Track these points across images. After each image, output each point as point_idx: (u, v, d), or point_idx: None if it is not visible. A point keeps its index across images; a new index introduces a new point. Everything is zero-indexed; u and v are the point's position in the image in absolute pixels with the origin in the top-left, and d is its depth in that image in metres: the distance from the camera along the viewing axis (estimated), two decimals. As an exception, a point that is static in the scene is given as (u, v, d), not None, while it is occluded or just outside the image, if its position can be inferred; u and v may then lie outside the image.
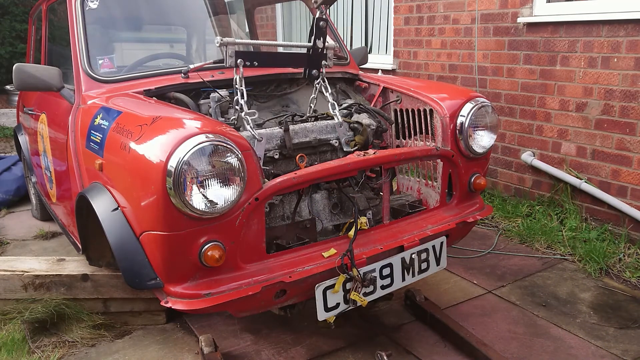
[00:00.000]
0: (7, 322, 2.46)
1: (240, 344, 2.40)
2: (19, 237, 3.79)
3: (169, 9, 3.21)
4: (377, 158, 2.04)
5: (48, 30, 3.32)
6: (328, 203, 2.22)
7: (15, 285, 2.46)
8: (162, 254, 1.74)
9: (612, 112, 3.29)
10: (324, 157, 2.32)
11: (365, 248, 2.03)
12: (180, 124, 1.83)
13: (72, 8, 2.58)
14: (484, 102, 2.34)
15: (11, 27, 7.68)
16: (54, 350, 2.36)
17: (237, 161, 1.70)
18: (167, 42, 3.43)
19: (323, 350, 2.34)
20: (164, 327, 2.56)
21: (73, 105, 2.45)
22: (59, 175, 2.77)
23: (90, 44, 2.52)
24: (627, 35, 3.13)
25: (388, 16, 5.15)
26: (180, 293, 1.76)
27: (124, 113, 2.06)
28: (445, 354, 2.31)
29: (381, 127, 2.43)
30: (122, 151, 1.88)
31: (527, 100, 3.82)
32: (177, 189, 1.63)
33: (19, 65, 2.44)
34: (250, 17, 3.91)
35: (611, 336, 2.43)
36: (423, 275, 2.18)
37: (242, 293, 1.77)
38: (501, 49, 3.95)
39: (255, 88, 2.55)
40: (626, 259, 3.10)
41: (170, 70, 2.54)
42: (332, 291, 1.91)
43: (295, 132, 2.20)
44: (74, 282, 2.47)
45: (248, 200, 1.77)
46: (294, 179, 1.86)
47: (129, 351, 2.37)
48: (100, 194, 1.98)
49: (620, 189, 3.31)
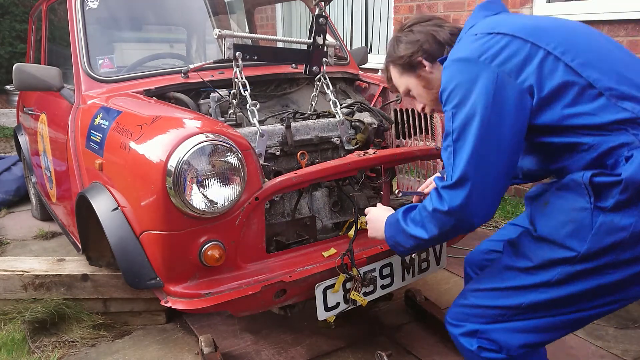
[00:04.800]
0: (7, 322, 2.46)
1: (240, 344, 2.40)
2: (19, 237, 3.79)
3: (169, 9, 3.21)
4: (377, 158, 2.04)
5: (48, 30, 3.32)
6: (328, 201, 2.22)
7: (15, 285, 2.46)
8: (162, 253, 1.74)
9: (612, 112, 3.29)
10: (325, 154, 2.32)
11: (365, 247, 2.03)
12: (180, 123, 1.83)
13: (72, 8, 2.58)
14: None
15: (11, 27, 7.68)
16: (54, 350, 2.36)
17: (237, 161, 1.70)
18: (167, 42, 3.43)
19: (323, 350, 2.34)
20: (164, 327, 2.56)
21: (73, 105, 2.45)
22: (58, 175, 2.77)
23: (90, 44, 2.52)
24: (627, 35, 3.13)
25: (388, 16, 5.15)
26: (180, 293, 1.76)
27: (123, 113, 2.06)
28: (445, 354, 2.30)
29: (382, 126, 2.43)
30: (122, 151, 1.88)
31: (527, 100, 3.81)
32: (177, 189, 1.64)
33: (19, 65, 2.44)
34: (250, 17, 3.91)
35: (611, 336, 2.43)
36: (423, 275, 2.18)
37: (242, 293, 1.77)
38: (501, 49, 3.95)
39: (255, 88, 2.55)
40: (626, 258, 3.10)
41: (170, 70, 2.54)
42: (332, 291, 1.91)
43: (296, 129, 2.20)
44: (74, 282, 2.47)
45: (248, 200, 1.77)
46: (294, 178, 1.86)
47: (129, 351, 2.37)
48: (100, 194, 1.98)
49: (620, 189, 3.31)
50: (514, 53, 1.29)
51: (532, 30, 1.33)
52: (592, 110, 1.26)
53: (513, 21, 1.39)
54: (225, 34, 2.06)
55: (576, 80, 1.27)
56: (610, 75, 1.28)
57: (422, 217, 1.42)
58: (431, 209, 1.37)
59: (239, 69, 2.11)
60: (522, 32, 1.32)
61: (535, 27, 1.35)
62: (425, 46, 1.52)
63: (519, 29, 1.33)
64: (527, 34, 1.32)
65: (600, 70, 1.28)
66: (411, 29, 1.55)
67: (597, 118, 1.26)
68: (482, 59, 1.30)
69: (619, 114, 1.25)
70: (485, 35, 1.35)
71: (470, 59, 1.32)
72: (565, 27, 1.39)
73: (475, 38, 1.36)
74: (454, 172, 1.31)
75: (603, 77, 1.27)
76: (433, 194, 1.38)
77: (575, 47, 1.31)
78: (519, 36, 1.31)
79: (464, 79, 1.31)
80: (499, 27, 1.35)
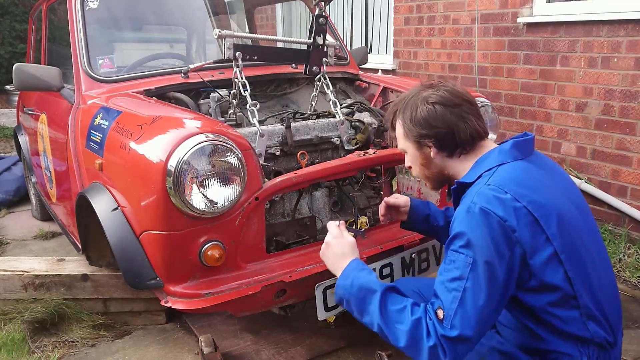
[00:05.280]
0: (7, 322, 2.46)
1: (240, 344, 2.40)
2: (19, 237, 3.79)
3: (169, 9, 3.21)
4: (377, 158, 2.04)
5: (48, 30, 3.32)
6: (328, 201, 2.21)
7: (15, 285, 2.46)
8: (162, 253, 1.74)
9: (612, 112, 3.29)
10: (325, 154, 2.32)
11: (366, 247, 2.03)
12: (180, 123, 1.83)
13: (72, 8, 2.58)
14: (484, 102, 2.34)
15: (11, 27, 7.68)
16: (54, 350, 2.36)
17: (237, 161, 1.70)
18: (167, 42, 3.43)
19: (323, 350, 2.33)
20: (164, 327, 2.56)
21: (73, 105, 2.45)
22: (59, 175, 2.77)
23: (90, 44, 2.52)
24: (627, 35, 3.13)
25: (388, 16, 5.15)
26: (180, 293, 1.76)
27: (123, 113, 2.06)
28: (445, 353, 2.30)
29: (382, 126, 2.43)
30: (122, 151, 1.88)
31: (527, 100, 3.81)
32: (177, 189, 1.63)
33: (19, 65, 2.44)
34: (250, 17, 3.91)
35: (611, 336, 2.43)
36: (423, 274, 2.18)
37: (242, 293, 1.77)
38: (501, 49, 3.95)
39: (255, 88, 2.55)
40: (626, 259, 3.10)
41: (170, 70, 2.54)
42: (332, 291, 1.91)
43: (296, 130, 2.20)
44: (74, 282, 2.46)
45: (248, 200, 1.77)
46: (294, 178, 1.86)
47: (129, 351, 2.37)
48: (100, 194, 1.98)
49: (620, 189, 3.31)
50: (530, 236, 1.30)
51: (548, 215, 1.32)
52: (565, 317, 1.34)
53: (539, 191, 1.36)
54: (225, 34, 2.06)
55: (566, 290, 1.32)
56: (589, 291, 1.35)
57: (408, 327, 1.30)
58: (431, 344, 1.26)
59: (239, 69, 2.11)
60: (539, 212, 1.31)
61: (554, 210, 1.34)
62: (440, 137, 1.45)
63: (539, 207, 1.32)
64: (544, 219, 1.31)
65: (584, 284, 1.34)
66: (435, 107, 1.44)
67: (565, 326, 1.34)
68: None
69: (582, 331, 1.34)
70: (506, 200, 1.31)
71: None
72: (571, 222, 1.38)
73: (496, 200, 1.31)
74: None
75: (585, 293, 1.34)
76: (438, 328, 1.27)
77: (575, 253, 1.34)
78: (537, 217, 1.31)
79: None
80: (522, 196, 1.31)
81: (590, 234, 1.43)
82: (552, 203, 1.35)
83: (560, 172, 1.51)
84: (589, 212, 1.49)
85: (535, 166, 1.43)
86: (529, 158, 1.44)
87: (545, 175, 1.43)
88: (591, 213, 1.52)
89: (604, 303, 1.38)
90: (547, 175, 1.44)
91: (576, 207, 1.43)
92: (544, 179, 1.41)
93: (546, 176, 1.43)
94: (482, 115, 1.49)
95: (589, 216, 1.48)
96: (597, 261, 1.41)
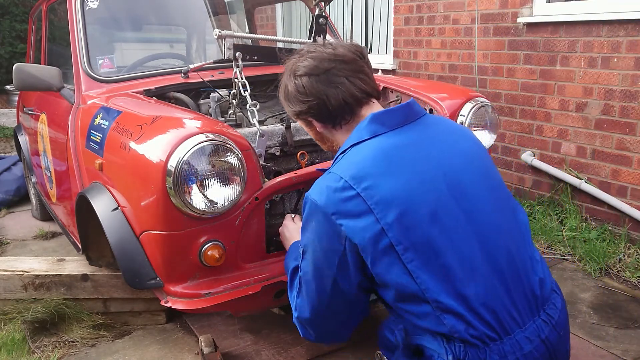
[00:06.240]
0: (7, 322, 2.46)
1: (240, 344, 2.40)
2: (19, 237, 3.79)
3: (169, 9, 3.21)
4: (377, 158, 2.04)
5: (48, 30, 3.32)
6: (328, 202, 2.21)
7: (15, 285, 2.46)
8: (162, 253, 1.74)
9: (612, 112, 3.29)
10: (325, 154, 2.32)
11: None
12: (180, 123, 1.83)
13: (72, 8, 2.58)
14: (483, 102, 2.34)
15: (11, 27, 7.68)
16: (54, 350, 2.36)
17: (237, 161, 1.70)
18: (167, 42, 3.43)
19: (323, 350, 2.33)
20: (164, 327, 2.56)
21: (73, 105, 2.45)
22: (59, 175, 2.77)
23: (90, 44, 2.53)
24: (627, 35, 3.13)
25: (388, 16, 5.15)
26: (180, 293, 1.76)
27: (123, 113, 2.06)
28: (445, 353, 2.30)
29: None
30: (122, 151, 1.88)
31: (527, 100, 3.82)
32: (177, 189, 1.64)
33: (19, 65, 2.44)
34: (250, 17, 3.91)
35: (611, 336, 2.43)
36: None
37: (242, 293, 1.77)
38: (501, 49, 3.95)
39: (255, 88, 2.55)
40: (626, 259, 3.10)
41: (170, 70, 2.55)
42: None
43: (296, 130, 2.20)
44: (74, 282, 2.46)
45: (248, 200, 1.77)
46: (294, 178, 1.86)
47: (129, 351, 2.37)
48: (100, 194, 1.98)
49: (620, 189, 3.31)
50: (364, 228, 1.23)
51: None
52: (418, 312, 1.26)
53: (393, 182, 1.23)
54: (225, 34, 2.06)
55: (406, 284, 1.24)
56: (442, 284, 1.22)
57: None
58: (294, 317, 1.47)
59: (239, 69, 2.11)
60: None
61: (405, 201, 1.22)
62: (314, 110, 1.37)
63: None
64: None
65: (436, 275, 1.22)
66: (302, 79, 1.35)
67: (420, 321, 1.27)
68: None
69: (438, 326, 1.23)
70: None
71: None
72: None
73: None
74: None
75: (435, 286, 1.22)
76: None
77: (428, 242, 1.23)
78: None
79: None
80: (359, 182, 1.22)
81: (478, 213, 1.26)
82: (403, 186, 1.21)
83: (450, 141, 1.34)
84: (484, 184, 1.31)
85: (404, 139, 1.28)
86: (401, 129, 1.29)
87: (420, 150, 1.28)
88: (498, 184, 1.35)
89: (483, 294, 1.22)
90: (423, 148, 1.29)
91: (457, 183, 1.27)
92: (415, 155, 1.27)
93: (421, 150, 1.28)
94: (482, 115, 1.47)
95: (480, 189, 1.29)
96: (481, 245, 1.25)
